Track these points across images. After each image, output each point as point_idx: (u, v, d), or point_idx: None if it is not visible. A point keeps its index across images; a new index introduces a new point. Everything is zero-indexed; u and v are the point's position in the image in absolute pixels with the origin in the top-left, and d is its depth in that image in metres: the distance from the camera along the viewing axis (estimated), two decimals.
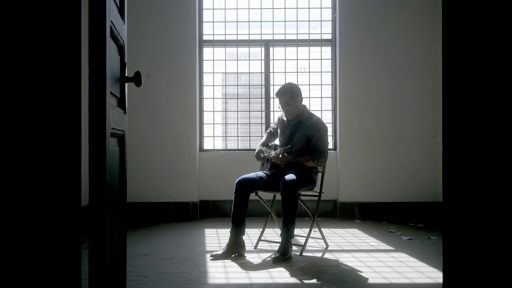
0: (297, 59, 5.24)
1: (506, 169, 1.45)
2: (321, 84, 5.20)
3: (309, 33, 5.25)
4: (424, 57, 4.97)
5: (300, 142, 3.55)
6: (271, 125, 3.99)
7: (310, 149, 3.54)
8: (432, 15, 4.92)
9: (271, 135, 3.86)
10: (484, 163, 1.48)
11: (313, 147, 3.52)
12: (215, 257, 3.30)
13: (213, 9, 5.27)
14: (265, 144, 3.80)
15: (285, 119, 3.71)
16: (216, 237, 4.14)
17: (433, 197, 4.95)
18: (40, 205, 1.47)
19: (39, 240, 1.47)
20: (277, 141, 3.87)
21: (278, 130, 3.78)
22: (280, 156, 3.45)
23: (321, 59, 5.24)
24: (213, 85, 5.28)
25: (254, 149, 4.88)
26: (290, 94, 3.54)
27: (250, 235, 3.98)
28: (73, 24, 1.49)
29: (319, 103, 5.17)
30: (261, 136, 5.21)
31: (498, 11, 1.46)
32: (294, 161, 3.49)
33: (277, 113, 5.13)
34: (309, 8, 5.24)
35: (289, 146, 3.40)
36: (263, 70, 5.28)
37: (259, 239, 3.68)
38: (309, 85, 5.19)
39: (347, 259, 3.30)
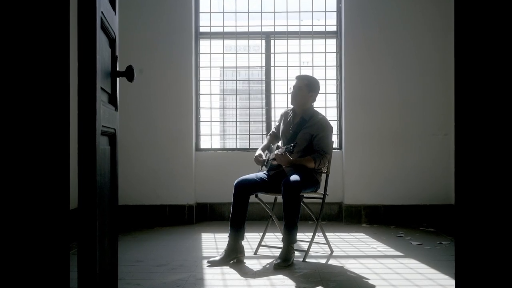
0: (299, 52, 5.24)
1: None
2: (325, 79, 5.20)
3: (312, 25, 5.25)
4: (435, 49, 4.97)
5: (303, 141, 3.55)
6: (273, 125, 4.00)
7: (312, 149, 3.54)
8: (444, 5, 4.91)
9: (274, 137, 3.86)
10: (499, 164, 1.48)
11: (315, 147, 3.53)
12: (213, 264, 3.31)
13: None
14: (266, 147, 3.80)
15: (289, 116, 3.72)
16: (214, 242, 4.15)
17: (445, 199, 4.95)
18: (25, 208, 1.47)
19: (24, 245, 1.47)
20: (279, 143, 3.87)
21: (281, 127, 3.78)
22: (283, 155, 3.45)
23: (325, 52, 5.24)
24: (210, 80, 5.28)
25: (254, 148, 4.90)
26: (308, 81, 3.60)
27: (250, 240, 3.98)
28: (61, 15, 1.49)
29: (323, 99, 5.17)
30: (261, 134, 5.22)
31: None
32: (295, 161, 3.49)
33: (279, 110, 5.13)
34: None
35: (291, 145, 3.41)
36: (263, 64, 5.28)
37: (259, 244, 3.69)
38: None
39: (353, 266, 3.30)
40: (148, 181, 5.02)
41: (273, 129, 3.93)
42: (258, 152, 3.72)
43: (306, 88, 3.59)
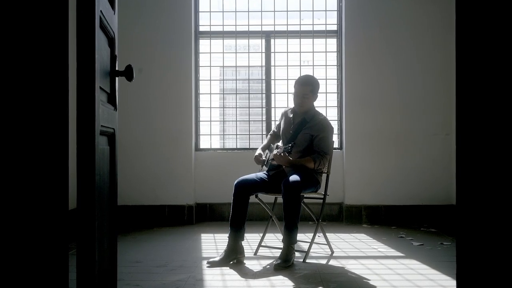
0: (300, 52, 5.24)
1: None
2: (326, 79, 5.20)
3: (313, 24, 5.25)
4: (437, 48, 4.97)
5: (304, 141, 3.55)
6: (273, 124, 3.99)
7: (312, 150, 3.54)
8: (445, 4, 4.91)
9: (274, 137, 3.86)
10: (501, 164, 1.47)
11: (315, 147, 3.53)
12: (212, 264, 3.31)
13: None
14: (266, 147, 3.79)
15: (290, 116, 3.71)
16: (213, 242, 4.15)
17: (446, 199, 4.95)
18: (24, 208, 1.47)
19: (23, 246, 1.47)
20: (279, 142, 3.87)
21: (281, 126, 3.78)
22: (281, 155, 3.45)
23: (326, 51, 5.24)
24: (210, 80, 5.28)
25: (254, 148, 4.89)
26: (312, 87, 3.58)
27: (250, 240, 3.98)
28: (60, 14, 1.49)
29: (324, 98, 5.17)
30: (262, 134, 5.22)
31: None
32: (295, 161, 3.49)
33: (279, 109, 5.13)
34: None
35: (290, 145, 3.41)
36: (263, 64, 5.28)
37: (259, 245, 3.69)
38: None
39: (354, 266, 3.30)
40: (148, 181, 5.02)
41: (274, 128, 3.92)
42: (258, 151, 3.72)
43: (311, 93, 3.59)
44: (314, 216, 3.61)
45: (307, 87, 3.57)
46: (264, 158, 3.68)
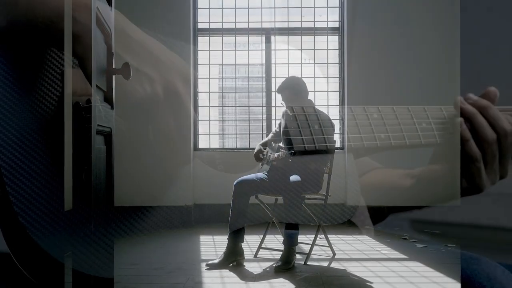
0: (301, 49, 5.24)
1: None
2: (328, 77, 5.20)
3: (314, 21, 5.25)
4: (440, 46, 4.97)
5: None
6: (274, 124, 3.99)
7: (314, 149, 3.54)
8: (449, 1, 4.91)
9: (276, 136, 3.86)
10: None
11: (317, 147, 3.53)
12: (211, 267, 3.31)
13: None
14: (267, 144, 3.79)
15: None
16: (212, 244, 4.15)
17: (451, 200, 4.94)
18: (19, 209, 1.47)
19: (18, 247, 1.47)
20: (280, 143, 3.87)
21: (282, 125, 3.77)
22: (284, 158, 3.45)
23: (327, 49, 5.24)
24: (209, 78, 5.28)
25: (254, 148, 4.89)
26: (289, 89, 3.55)
27: (250, 242, 3.98)
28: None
29: (325, 97, 5.17)
30: (262, 133, 5.22)
31: None
32: (296, 162, 3.49)
33: (279, 108, 5.13)
34: None
35: (292, 151, 3.40)
36: (263, 62, 5.28)
37: (260, 247, 3.69)
38: (314, 77, 5.19)
39: (356, 269, 3.30)
40: (145, 181, 5.02)
41: (276, 128, 3.91)
42: (258, 147, 3.70)
43: (293, 95, 3.54)
44: (316, 217, 3.61)
45: (284, 92, 3.55)
46: (264, 156, 3.67)
